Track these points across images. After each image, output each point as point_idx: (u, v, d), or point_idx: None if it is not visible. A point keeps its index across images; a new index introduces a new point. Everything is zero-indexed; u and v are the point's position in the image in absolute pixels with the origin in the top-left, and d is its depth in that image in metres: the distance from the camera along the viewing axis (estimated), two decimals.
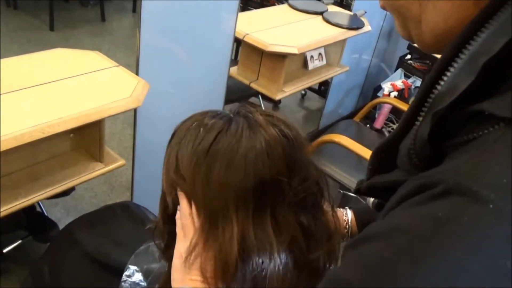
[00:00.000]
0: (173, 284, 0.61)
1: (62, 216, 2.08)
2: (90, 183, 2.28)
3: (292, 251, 0.60)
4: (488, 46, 0.36)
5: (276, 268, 0.58)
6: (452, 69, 0.39)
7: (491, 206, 0.31)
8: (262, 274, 0.57)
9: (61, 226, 1.75)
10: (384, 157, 0.49)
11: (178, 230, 0.63)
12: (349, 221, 0.78)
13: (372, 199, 0.64)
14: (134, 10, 4.33)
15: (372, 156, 0.51)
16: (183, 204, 0.61)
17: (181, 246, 0.61)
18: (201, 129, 0.62)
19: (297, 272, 0.61)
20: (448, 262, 0.31)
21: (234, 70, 2.10)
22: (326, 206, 0.68)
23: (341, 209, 0.79)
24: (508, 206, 0.31)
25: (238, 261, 0.56)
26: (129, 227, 1.22)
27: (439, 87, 0.39)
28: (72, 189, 1.74)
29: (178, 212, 0.64)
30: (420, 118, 0.41)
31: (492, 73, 0.37)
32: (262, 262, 0.57)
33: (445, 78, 0.39)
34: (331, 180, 2.03)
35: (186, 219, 0.61)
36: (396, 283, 0.32)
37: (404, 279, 0.32)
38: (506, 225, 0.30)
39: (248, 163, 0.57)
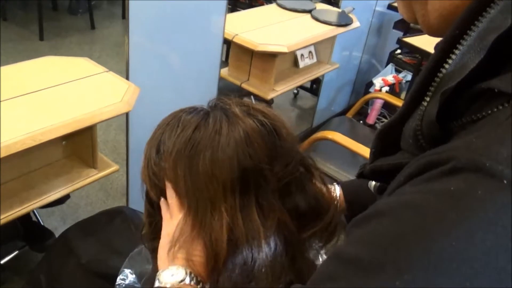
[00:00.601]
0: (159, 262, 0.61)
1: (58, 225, 2.08)
2: (86, 190, 2.28)
3: (281, 234, 0.60)
4: (498, 22, 0.36)
5: (265, 256, 0.58)
6: (460, 47, 0.38)
7: (505, 181, 0.31)
8: (251, 263, 0.57)
9: (57, 235, 1.74)
10: (388, 140, 0.48)
11: (164, 212, 0.64)
12: (337, 196, 0.78)
13: (374, 183, 0.64)
14: (123, 17, 4.32)
15: (375, 139, 0.51)
16: (168, 187, 0.62)
17: (168, 227, 0.62)
18: (180, 123, 0.63)
19: (290, 254, 0.61)
20: (462, 235, 0.31)
21: (224, 71, 2.10)
22: (318, 183, 0.67)
23: (329, 185, 0.79)
24: None
25: (227, 250, 0.57)
26: (125, 233, 1.22)
27: (447, 66, 0.39)
28: (67, 197, 1.73)
29: (162, 199, 0.64)
30: (427, 99, 0.40)
31: (501, 50, 0.36)
32: (251, 250, 0.57)
33: (453, 56, 0.39)
34: (326, 177, 2.04)
35: (172, 199, 0.62)
36: (409, 258, 0.32)
37: (418, 254, 0.32)
38: None
39: (231, 154, 0.58)
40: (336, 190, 0.79)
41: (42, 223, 1.93)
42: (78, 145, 1.45)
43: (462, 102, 0.39)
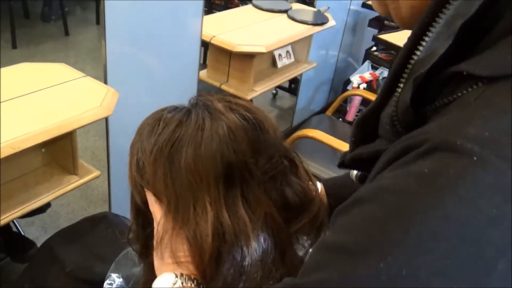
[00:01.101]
0: (157, 272, 0.61)
1: (39, 234, 2.04)
2: (66, 198, 2.25)
3: (269, 228, 0.60)
4: (464, 8, 0.38)
5: (254, 250, 0.58)
6: (430, 34, 0.40)
7: (475, 158, 0.32)
8: (240, 258, 0.57)
9: (39, 244, 1.71)
10: (366, 128, 0.50)
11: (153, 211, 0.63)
12: (319, 192, 0.78)
13: (355, 172, 0.64)
14: (97, 22, 4.28)
15: (354, 127, 0.52)
16: (148, 194, 0.62)
17: (155, 234, 0.61)
18: (161, 122, 0.62)
19: (279, 248, 0.61)
20: (438, 215, 0.32)
21: (203, 73, 2.10)
22: (303, 175, 0.67)
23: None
24: (491, 157, 0.32)
25: (214, 246, 0.57)
26: (109, 238, 1.21)
27: (418, 53, 0.41)
28: (48, 205, 1.70)
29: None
30: (401, 85, 0.42)
31: (468, 35, 0.38)
32: (240, 245, 0.57)
33: (423, 43, 0.40)
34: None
35: (153, 206, 0.61)
36: (391, 241, 0.33)
37: (398, 237, 0.33)
38: (491, 176, 0.32)
39: (214, 149, 0.58)
40: (318, 186, 0.79)
41: (23, 233, 1.90)
42: (58, 152, 1.43)
43: (434, 87, 0.40)
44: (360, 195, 0.39)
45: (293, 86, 3.22)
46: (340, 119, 2.83)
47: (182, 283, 0.57)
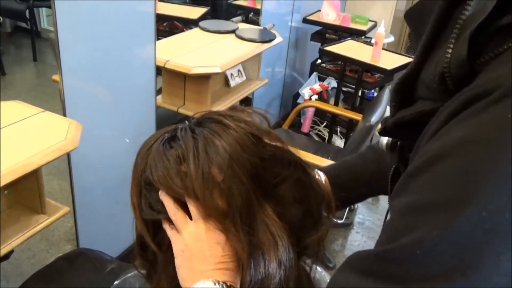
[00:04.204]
0: (183, 283, 0.57)
1: (2, 285, 1.93)
2: (26, 243, 2.13)
3: (289, 241, 0.60)
4: None
5: (291, 262, 0.58)
6: None
7: None
8: (284, 272, 0.57)
9: None
10: (404, 92, 0.50)
11: (170, 231, 0.60)
12: (323, 181, 0.77)
13: (385, 140, 0.63)
14: (35, 59, 4.14)
15: (394, 92, 0.52)
16: (168, 203, 0.59)
17: (179, 243, 0.58)
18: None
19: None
20: None
21: (159, 99, 2.08)
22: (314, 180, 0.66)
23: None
24: None
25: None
26: (91, 271, 1.16)
27: (468, 8, 0.43)
28: (11, 252, 1.62)
29: (164, 224, 0.62)
30: (453, 41, 0.43)
31: None
32: (279, 257, 0.57)
33: (471, 2, 0.43)
34: None
35: (175, 215, 0.58)
36: (489, 188, 0.34)
37: (495, 182, 0.33)
38: None
39: (236, 163, 0.57)
40: (321, 176, 0.79)
41: None
42: (23, 193, 1.37)
43: (482, 41, 0.42)
44: (435, 153, 0.39)
45: (244, 105, 3.26)
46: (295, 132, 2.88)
47: None
